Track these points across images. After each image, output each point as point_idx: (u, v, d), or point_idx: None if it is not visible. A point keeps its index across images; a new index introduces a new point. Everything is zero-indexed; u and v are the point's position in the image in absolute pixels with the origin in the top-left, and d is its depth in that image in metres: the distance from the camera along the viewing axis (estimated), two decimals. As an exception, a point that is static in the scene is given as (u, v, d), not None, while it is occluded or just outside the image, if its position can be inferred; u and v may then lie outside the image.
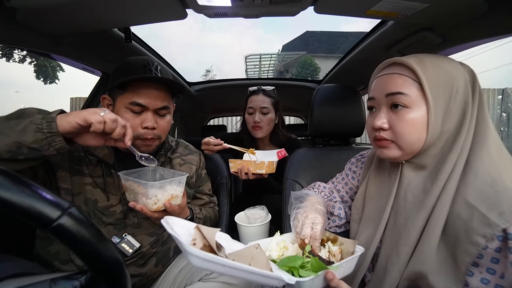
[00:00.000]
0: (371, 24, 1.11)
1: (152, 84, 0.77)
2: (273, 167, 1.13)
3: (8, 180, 0.30)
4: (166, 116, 0.82)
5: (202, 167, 1.01)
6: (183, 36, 76.38)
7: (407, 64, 0.53)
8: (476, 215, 0.46)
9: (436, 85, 0.52)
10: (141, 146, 0.79)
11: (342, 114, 1.06)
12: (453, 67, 0.53)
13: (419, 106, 0.52)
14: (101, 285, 0.35)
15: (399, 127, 0.54)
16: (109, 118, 0.61)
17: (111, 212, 0.76)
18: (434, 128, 0.52)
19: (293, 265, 0.48)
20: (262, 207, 1.04)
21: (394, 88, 0.54)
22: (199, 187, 0.99)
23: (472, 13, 0.73)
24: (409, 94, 0.52)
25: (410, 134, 0.53)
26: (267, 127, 1.35)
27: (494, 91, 6.77)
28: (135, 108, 0.75)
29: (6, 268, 0.42)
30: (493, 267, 0.45)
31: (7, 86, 25.56)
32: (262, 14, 0.81)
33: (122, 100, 0.76)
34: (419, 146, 0.54)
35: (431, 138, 0.53)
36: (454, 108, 0.52)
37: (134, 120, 0.76)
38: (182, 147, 0.98)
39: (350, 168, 0.81)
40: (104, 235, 0.36)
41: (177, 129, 2.33)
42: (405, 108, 0.53)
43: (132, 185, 0.70)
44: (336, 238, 0.60)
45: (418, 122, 0.53)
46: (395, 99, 0.54)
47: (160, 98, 0.78)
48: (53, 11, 0.71)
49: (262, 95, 1.37)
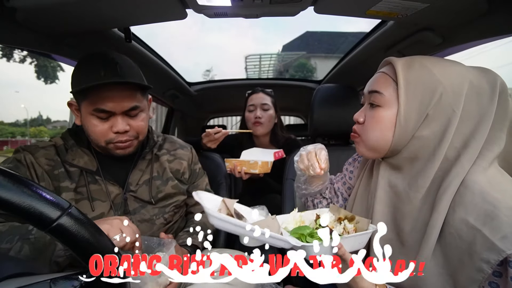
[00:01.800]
0: (371, 24, 1.11)
1: (114, 86, 0.68)
2: (268, 167, 1.12)
3: (8, 180, 0.30)
4: (139, 115, 0.75)
5: (195, 162, 0.95)
6: (183, 36, 76.48)
7: (393, 64, 0.54)
8: (479, 238, 0.43)
9: (415, 88, 0.51)
10: (116, 150, 0.74)
11: (342, 114, 1.06)
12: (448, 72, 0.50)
13: (390, 106, 0.53)
14: (101, 284, 0.35)
15: (367, 122, 0.57)
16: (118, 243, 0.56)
17: None
18: (402, 132, 0.52)
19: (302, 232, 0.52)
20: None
21: (374, 87, 0.56)
22: (193, 183, 0.94)
23: (472, 13, 0.72)
24: (384, 93, 0.54)
25: (373, 130, 0.55)
26: (267, 123, 1.35)
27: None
28: (101, 115, 0.69)
29: (6, 268, 0.42)
30: (495, 281, 0.43)
31: (7, 86, 25.57)
32: (262, 14, 0.81)
33: (85, 107, 0.69)
34: (384, 144, 0.55)
35: (398, 139, 0.53)
36: (433, 114, 0.50)
37: (103, 126, 0.70)
38: (169, 143, 0.92)
39: (347, 168, 0.82)
40: (104, 235, 0.36)
41: (177, 129, 2.33)
42: (379, 107, 0.55)
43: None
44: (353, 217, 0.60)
45: (386, 121, 0.53)
46: (371, 97, 0.56)
47: (127, 99, 0.70)
48: (53, 11, 0.71)
49: (262, 94, 1.39)
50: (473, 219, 0.44)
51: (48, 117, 25.30)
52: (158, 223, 0.81)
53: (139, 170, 0.81)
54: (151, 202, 0.80)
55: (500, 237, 0.41)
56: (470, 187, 0.46)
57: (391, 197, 0.57)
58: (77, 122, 0.75)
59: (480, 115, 0.48)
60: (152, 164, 0.83)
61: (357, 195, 0.69)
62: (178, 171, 0.88)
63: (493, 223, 0.42)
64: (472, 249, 0.43)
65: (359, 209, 0.66)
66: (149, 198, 0.80)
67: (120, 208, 0.76)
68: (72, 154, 0.74)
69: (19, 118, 24.76)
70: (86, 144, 0.77)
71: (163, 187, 0.83)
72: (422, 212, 0.52)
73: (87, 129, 0.72)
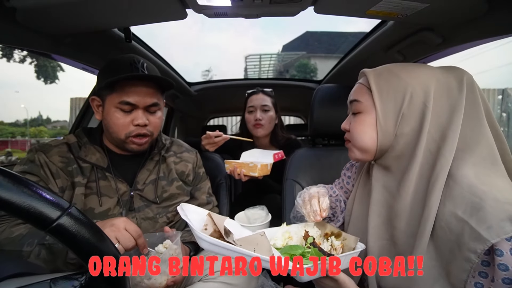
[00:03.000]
0: (371, 24, 1.11)
1: (140, 82, 0.76)
2: (267, 170, 1.11)
3: (8, 180, 0.30)
4: (157, 113, 0.82)
5: (199, 165, 1.00)
6: (183, 36, 76.49)
7: (365, 74, 0.61)
8: (467, 229, 0.45)
9: (387, 92, 0.56)
10: (133, 145, 0.78)
11: (342, 114, 1.05)
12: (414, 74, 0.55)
13: (369, 111, 0.59)
14: (101, 285, 0.35)
15: (352, 127, 0.62)
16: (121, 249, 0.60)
17: (109, 216, 0.76)
18: (384, 130, 0.57)
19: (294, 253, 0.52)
20: (262, 207, 1.03)
21: (353, 96, 0.62)
22: (197, 185, 0.98)
23: (472, 13, 0.73)
24: (362, 101, 0.60)
25: (359, 133, 0.60)
26: (268, 125, 1.34)
27: (494, 91, 6.76)
28: (125, 107, 0.75)
29: (6, 268, 0.42)
30: (485, 270, 0.45)
31: (7, 86, 25.60)
32: (262, 14, 0.81)
33: (111, 100, 0.75)
34: (372, 144, 0.59)
35: (383, 138, 0.57)
36: (408, 112, 0.55)
37: (125, 119, 0.76)
38: (176, 145, 0.97)
39: (345, 173, 0.83)
40: (104, 235, 0.36)
41: (177, 129, 2.33)
42: (359, 113, 0.60)
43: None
44: (340, 233, 0.62)
45: (368, 123, 0.59)
46: (352, 105, 0.62)
47: (149, 95, 0.78)
48: (53, 11, 0.71)
49: (262, 94, 1.37)
50: (461, 212, 0.47)
51: (48, 117, 25.35)
52: (160, 221, 0.83)
53: (147, 170, 0.85)
54: (156, 201, 0.83)
55: (486, 227, 0.43)
56: (459, 181, 0.49)
57: (386, 197, 0.59)
58: (97, 117, 0.81)
59: (452, 106, 0.52)
60: (159, 165, 0.87)
61: (355, 199, 0.70)
62: (183, 173, 0.92)
63: (479, 214, 0.45)
64: (460, 240, 0.46)
65: (359, 213, 0.67)
66: (154, 197, 0.83)
67: (126, 205, 0.79)
68: (85, 151, 0.79)
69: (19, 118, 24.95)
70: (98, 142, 0.82)
71: (168, 187, 0.86)
72: (414, 208, 0.54)
73: (108, 122, 0.77)
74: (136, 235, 0.63)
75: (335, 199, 0.79)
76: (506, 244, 0.42)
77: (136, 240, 0.62)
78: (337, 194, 0.80)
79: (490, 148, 0.51)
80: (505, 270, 0.42)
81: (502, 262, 0.42)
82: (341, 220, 0.76)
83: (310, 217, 0.66)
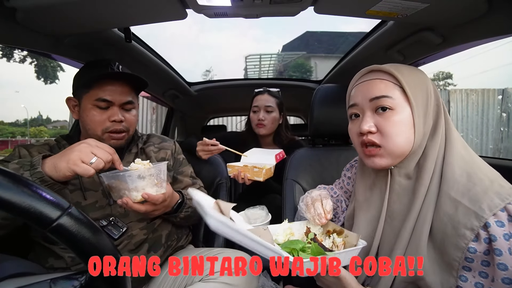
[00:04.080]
0: (371, 25, 1.11)
1: (116, 81, 0.80)
2: (271, 172, 1.11)
3: (8, 180, 0.30)
4: (132, 111, 0.86)
5: (178, 152, 1.03)
6: (183, 36, 76.50)
7: (386, 70, 0.56)
8: (461, 208, 0.48)
9: (415, 89, 0.55)
10: (111, 140, 0.81)
11: (342, 114, 1.06)
12: (423, 74, 0.58)
13: (403, 108, 0.54)
14: (101, 285, 0.35)
15: (387, 128, 0.55)
16: (96, 165, 0.62)
17: (97, 207, 0.78)
18: (419, 128, 0.55)
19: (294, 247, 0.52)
20: (262, 207, 1.03)
21: (378, 92, 0.55)
22: (178, 169, 1.00)
23: (472, 13, 0.73)
24: (393, 96, 0.54)
25: (398, 134, 0.54)
26: (270, 125, 1.37)
27: (494, 91, 6.76)
28: (101, 104, 0.79)
29: (6, 268, 0.42)
30: (485, 270, 0.46)
31: (7, 86, 25.58)
32: (262, 14, 0.81)
33: (88, 98, 0.79)
34: (408, 148, 0.55)
35: (418, 139, 0.55)
36: (430, 110, 0.56)
37: (101, 116, 0.79)
38: (155, 137, 1.01)
39: (345, 174, 0.83)
40: (104, 235, 0.36)
41: (177, 129, 2.33)
42: (391, 110, 0.54)
43: (114, 183, 0.70)
44: (342, 230, 0.62)
45: (405, 122, 0.54)
46: (380, 102, 0.55)
47: (124, 94, 0.82)
48: (53, 11, 0.71)
49: (267, 95, 1.40)
50: (454, 193, 0.50)
51: (48, 117, 25.34)
52: None
53: (127, 162, 0.85)
54: None
55: (479, 206, 0.46)
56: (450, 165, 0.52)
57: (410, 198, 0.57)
58: (74, 116, 0.85)
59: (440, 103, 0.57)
60: (139, 156, 0.90)
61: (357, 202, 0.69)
62: (163, 159, 0.95)
63: (470, 194, 0.48)
64: (454, 220, 0.48)
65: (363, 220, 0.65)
66: None
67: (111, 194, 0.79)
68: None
69: (19, 118, 24.82)
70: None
71: None
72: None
73: (85, 119, 0.80)
74: (110, 150, 0.66)
75: (335, 200, 0.79)
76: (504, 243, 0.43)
77: (111, 155, 0.66)
78: (337, 194, 0.80)
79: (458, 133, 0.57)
80: (504, 269, 0.42)
81: (501, 261, 0.42)
82: (342, 220, 0.76)
83: (315, 220, 0.65)
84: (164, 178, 0.75)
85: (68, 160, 0.60)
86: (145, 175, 0.70)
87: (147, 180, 0.70)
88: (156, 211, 0.75)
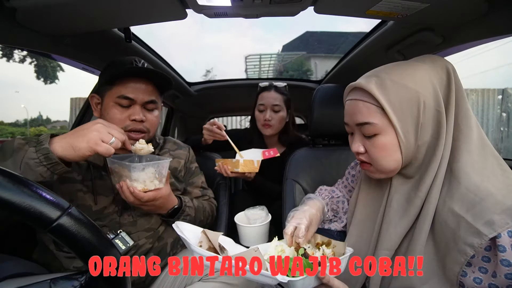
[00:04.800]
0: (371, 24, 1.10)
1: (140, 79, 0.79)
2: (253, 167, 1.09)
3: (8, 180, 0.30)
4: (154, 111, 0.83)
5: (191, 160, 1.01)
6: (183, 36, 76.44)
7: (368, 91, 0.54)
8: (463, 224, 0.46)
9: (401, 107, 0.52)
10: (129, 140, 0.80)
11: (342, 114, 1.05)
12: (417, 79, 0.52)
13: (387, 130, 0.54)
14: (100, 285, 0.35)
15: (372, 152, 0.56)
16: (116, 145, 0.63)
17: (105, 214, 0.76)
18: (407, 147, 0.54)
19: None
20: (262, 207, 1.03)
21: (361, 118, 0.56)
22: (189, 181, 0.99)
23: (472, 13, 0.72)
24: (375, 122, 0.54)
25: (383, 158, 0.55)
26: (278, 125, 1.30)
27: (494, 91, 6.76)
28: (123, 102, 0.77)
29: (6, 268, 0.42)
30: (485, 266, 0.46)
31: (7, 86, 25.60)
32: (262, 14, 0.81)
33: (110, 95, 0.78)
34: (397, 166, 0.56)
35: (406, 157, 0.54)
36: (425, 121, 0.52)
37: (122, 114, 0.78)
38: (170, 143, 0.99)
39: (349, 172, 0.83)
40: (104, 235, 0.36)
41: (177, 129, 2.33)
42: (377, 136, 0.55)
43: (117, 168, 0.71)
44: (329, 241, 0.63)
45: (390, 145, 0.54)
46: (364, 130, 0.56)
47: (148, 92, 0.80)
48: (53, 11, 0.71)
49: (274, 92, 1.30)
50: (458, 207, 0.48)
51: (48, 117, 25.34)
52: (155, 217, 0.84)
53: None
54: None
55: (483, 222, 0.44)
56: (457, 176, 0.50)
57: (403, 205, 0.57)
58: (96, 114, 0.83)
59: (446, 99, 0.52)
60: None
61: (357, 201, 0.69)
62: (176, 169, 0.93)
63: (475, 210, 0.46)
64: (456, 234, 0.47)
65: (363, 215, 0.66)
66: None
67: (121, 202, 0.79)
68: None
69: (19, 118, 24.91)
70: None
71: None
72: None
73: (105, 117, 0.79)
74: (121, 130, 0.67)
75: (336, 201, 0.79)
76: (507, 239, 0.42)
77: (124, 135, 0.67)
78: (339, 195, 0.80)
79: (478, 128, 0.52)
80: (508, 265, 0.42)
81: (504, 257, 0.42)
82: (345, 221, 0.76)
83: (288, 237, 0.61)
84: (164, 174, 0.75)
85: (89, 140, 0.60)
86: (147, 169, 0.71)
87: (148, 173, 0.71)
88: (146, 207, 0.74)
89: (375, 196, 0.65)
